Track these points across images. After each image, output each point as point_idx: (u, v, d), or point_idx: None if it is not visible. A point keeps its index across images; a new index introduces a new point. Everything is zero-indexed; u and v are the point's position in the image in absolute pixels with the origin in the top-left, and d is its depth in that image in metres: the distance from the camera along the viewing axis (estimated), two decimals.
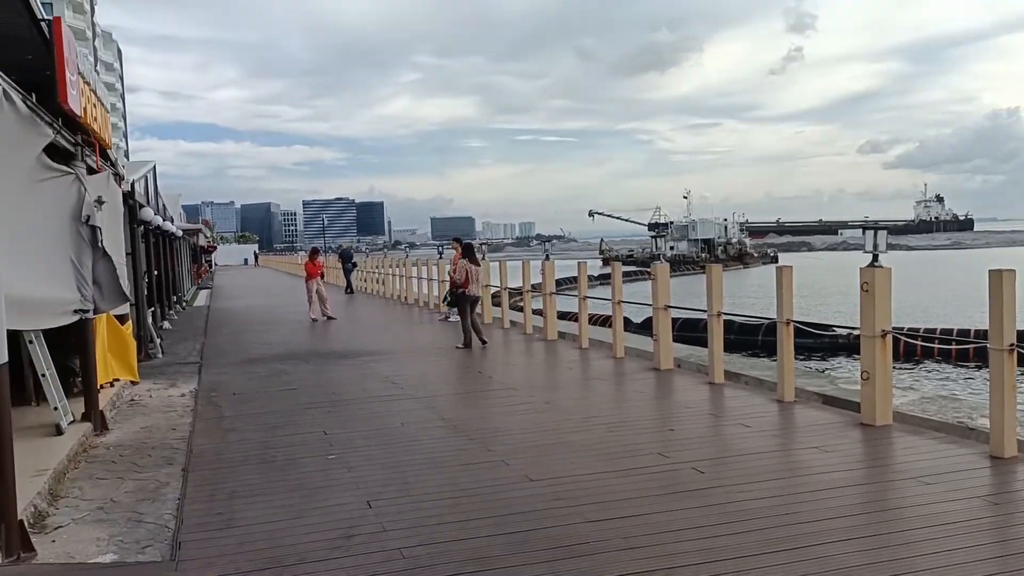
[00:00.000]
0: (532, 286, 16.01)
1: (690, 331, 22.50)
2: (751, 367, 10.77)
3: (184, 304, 26.87)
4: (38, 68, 7.21)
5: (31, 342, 7.62)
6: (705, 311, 9.83)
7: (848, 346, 27.42)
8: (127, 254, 13.72)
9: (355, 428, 7.94)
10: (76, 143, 7.81)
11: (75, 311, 7.93)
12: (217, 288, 43.21)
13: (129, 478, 6.49)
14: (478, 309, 14.76)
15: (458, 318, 18.23)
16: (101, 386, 10.06)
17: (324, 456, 6.85)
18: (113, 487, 6.25)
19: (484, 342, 13.77)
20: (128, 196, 13.35)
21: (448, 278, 15.16)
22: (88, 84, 7.90)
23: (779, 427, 7.54)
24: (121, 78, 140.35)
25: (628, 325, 26.86)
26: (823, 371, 19.13)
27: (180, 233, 26.02)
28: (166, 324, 19.75)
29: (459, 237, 20.16)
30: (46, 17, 6.70)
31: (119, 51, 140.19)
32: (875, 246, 7.40)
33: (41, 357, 7.70)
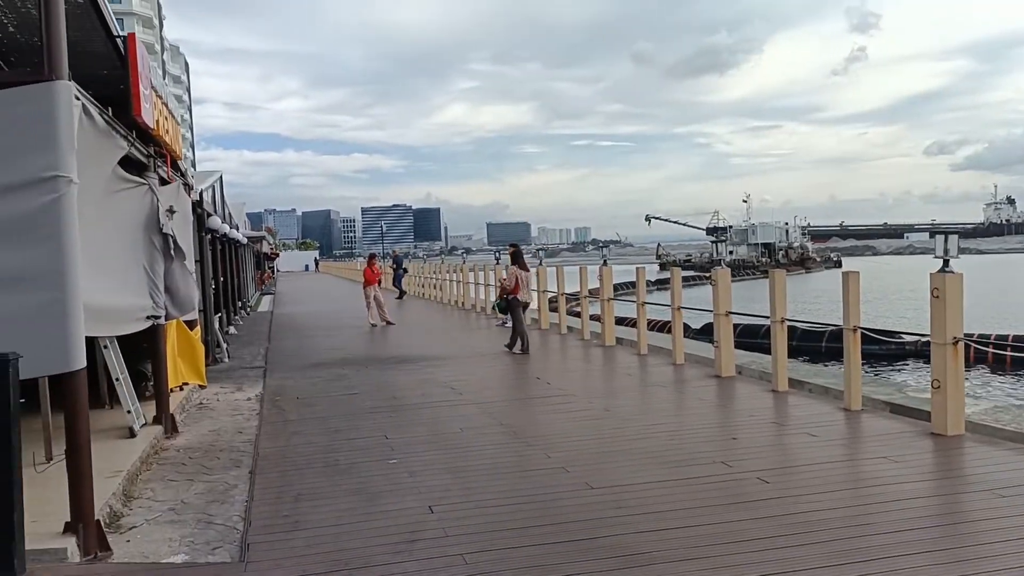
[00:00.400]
0: (589, 291, 15.96)
1: (750, 337, 22.16)
2: (815, 374, 10.56)
3: (249, 310, 27.49)
4: (113, 82, 7.46)
5: (106, 347, 7.88)
6: (768, 317, 9.68)
7: (916, 353, 26.72)
8: (196, 261, 14.13)
9: (415, 433, 8.02)
10: (149, 155, 8.07)
11: (148, 317, 8.19)
12: (280, 294, 44.11)
13: (199, 480, 6.67)
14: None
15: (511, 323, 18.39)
16: (171, 390, 10.37)
17: (386, 460, 6.93)
18: (184, 489, 6.42)
19: (527, 350, 13.76)
20: (196, 205, 13.72)
21: (499, 284, 15.26)
22: (160, 97, 8.16)
23: (846, 436, 7.38)
24: (188, 90, 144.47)
25: (687, 331, 26.70)
26: (897, 382, 18.69)
27: (245, 240, 26.63)
28: (232, 329, 20.23)
29: (516, 243, 20.20)
30: (121, 33, 6.94)
31: (186, 64, 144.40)
32: (946, 251, 7.19)
33: (115, 362, 7.96)
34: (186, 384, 11.06)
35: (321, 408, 9.67)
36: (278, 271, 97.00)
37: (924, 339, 8.98)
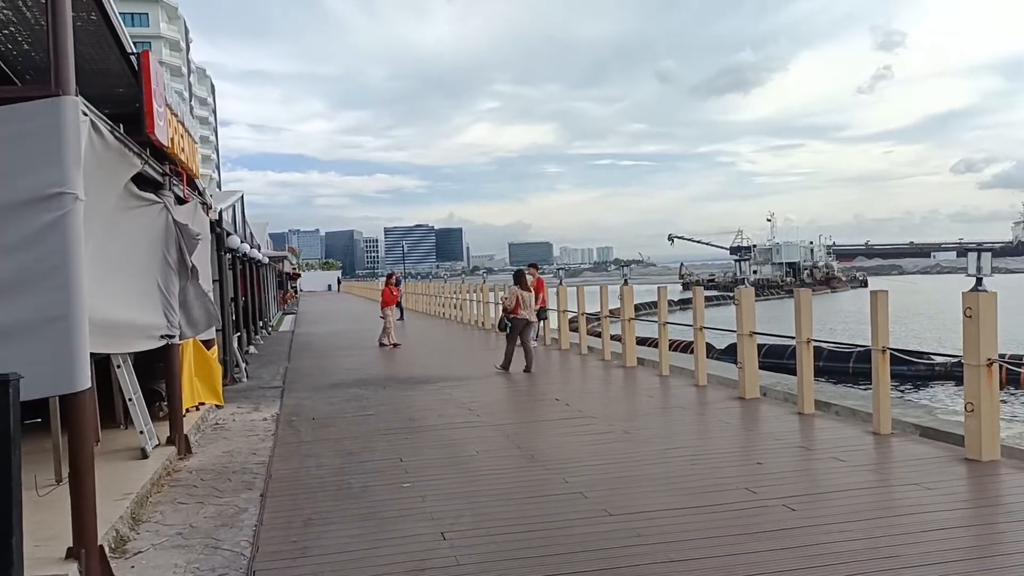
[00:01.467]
0: (610, 311, 15.76)
1: (776, 358, 21.80)
2: (842, 396, 10.28)
3: (270, 329, 27.52)
4: (129, 100, 7.45)
5: (119, 366, 7.81)
6: (793, 337, 9.43)
7: (944, 374, 26.21)
8: (214, 281, 14.11)
9: (430, 455, 7.85)
10: (164, 173, 8.03)
11: (161, 336, 8.12)
12: (301, 313, 44.21)
13: (209, 503, 6.53)
14: (532, 333, 14.97)
15: (534, 344, 18.19)
16: (187, 410, 10.29)
17: (399, 484, 6.76)
18: (193, 512, 6.29)
19: (529, 370, 13.85)
20: (215, 224, 13.73)
21: (501, 304, 15.51)
22: (175, 115, 8.13)
23: (876, 461, 7.11)
24: (214, 112, 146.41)
25: (710, 351, 26.32)
26: (926, 404, 18.27)
27: (266, 260, 26.70)
28: (252, 349, 20.22)
29: (535, 263, 20.05)
30: (135, 51, 6.91)
31: (212, 86, 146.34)
32: (978, 268, 6.98)
33: (128, 381, 7.88)
34: (203, 404, 10.98)
35: (336, 429, 9.53)
36: (301, 291, 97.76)
37: (955, 360, 8.78)
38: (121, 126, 5.95)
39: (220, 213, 13.83)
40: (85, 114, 4.93)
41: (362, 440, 8.77)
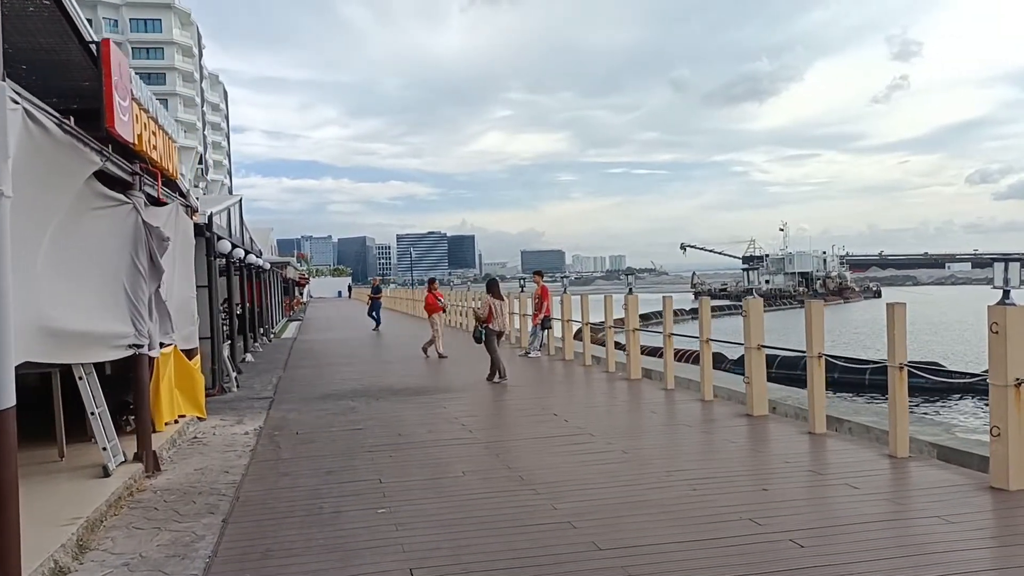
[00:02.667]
0: (615, 321, 15.21)
1: (790, 369, 21.16)
2: (856, 412, 9.69)
3: (271, 336, 27.08)
4: (95, 94, 6.98)
5: (81, 378, 7.32)
6: (804, 352, 8.86)
7: (963, 387, 25.47)
8: (202, 286, 13.65)
9: (413, 476, 7.33)
10: (133, 172, 7.56)
11: (129, 346, 7.64)
12: (307, 320, 43.84)
13: (167, 528, 6.03)
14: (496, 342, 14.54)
15: (537, 353, 17.69)
16: (166, 423, 9.82)
17: (374, 509, 6.25)
18: (147, 539, 5.79)
19: (503, 378, 13.77)
20: (204, 228, 13.28)
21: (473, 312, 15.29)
22: (145, 111, 7.66)
23: (893, 489, 6.54)
24: (227, 118, 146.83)
25: (722, 361, 25.71)
26: (944, 422, 17.63)
27: (267, 266, 26.28)
28: (249, 357, 19.77)
29: (540, 271, 19.54)
30: (94, 39, 6.45)
31: (225, 92, 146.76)
32: (1006, 280, 6.38)
33: (91, 394, 7.40)
34: (183, 416, 10.52)
35: (319, 445, 9.03)
36: (311, 297, 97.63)
37: (978, 377, 8.18)
38: (72, 118, 5.47)
39: (210, 217, 13.37)
40: (16, 102, 4.46)
41: (344, 458, 8.25)
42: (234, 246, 17.10)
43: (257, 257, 23.12)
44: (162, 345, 9.65)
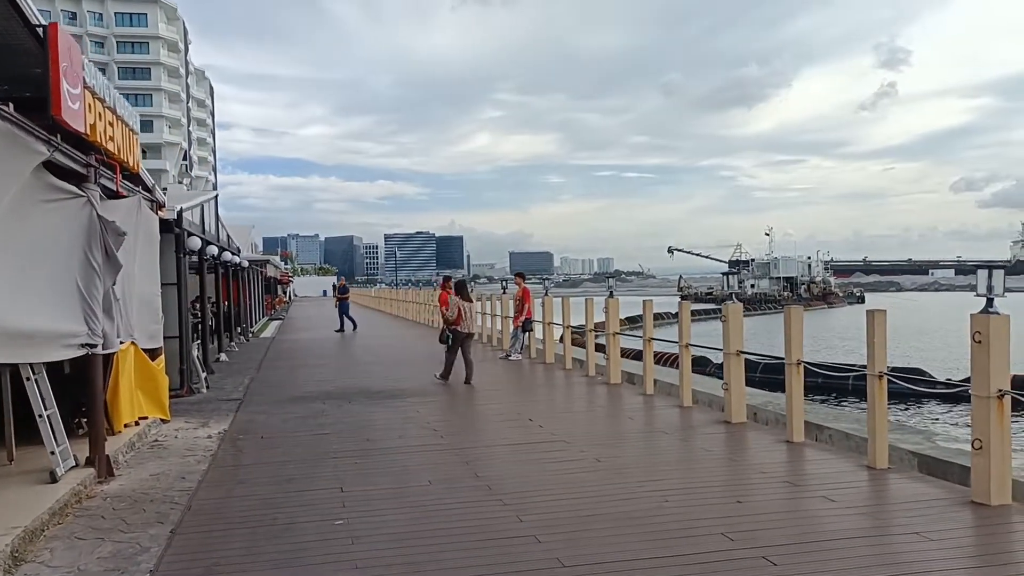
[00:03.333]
0: (596, 325, 14.98)
1: (778, 374, 20.91)
2: (835, 418, 9.50)
3: (249, 336, 26.69)
4: (47, 82, 6.65)
5: (29, 379, 7.00)
6: (783, 358, 8.63)
7: (943, 395, 25.41)
8: (169, 284, 13.31)
9: (377, 484, 7.04)
10: (88, 164, 7.25)
11: (82, 345, 7.33)
12: (289, 319, 43.45)
13: (110, 539, 5.73)
14: (470, 345, 14.49)
15: (518, 356, 17.44)
16: (126, 425, 9.50)
17: (331, 521, 5.96)
18: (88, 550, 5.48)
19: (470, 381, 13.68)
20: (173, 224, 12.95)
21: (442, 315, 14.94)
22: (100, 100, 7.34)
23: (871, 503, 6.31)
24: (212, 114, 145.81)
25: (706, 365, 25.51)
26: (924, 430, 17.49)
27: (246, 264, 25.90)
28: (223, 356, 19.42)
29: (522, 272, 19.31)
30: (41, 22, 6.14)
31: (211, 88, 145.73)
32: (989, 287, 6.17)
33: (40, 396, 7.07)
34: (145, 418, 10.20)
35: (283, 450, 8.74)
36: (295, 296, 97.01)
37: (959, 387, 8.02)
38: (12, 106, 5.15)
39: (180, 212, 13.03)
40: None
41: (307, 464, 7.96)
42: (207, 243, 16.77)
43: (234, 255, 22.76)
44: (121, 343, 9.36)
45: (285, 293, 71.58)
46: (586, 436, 9.08)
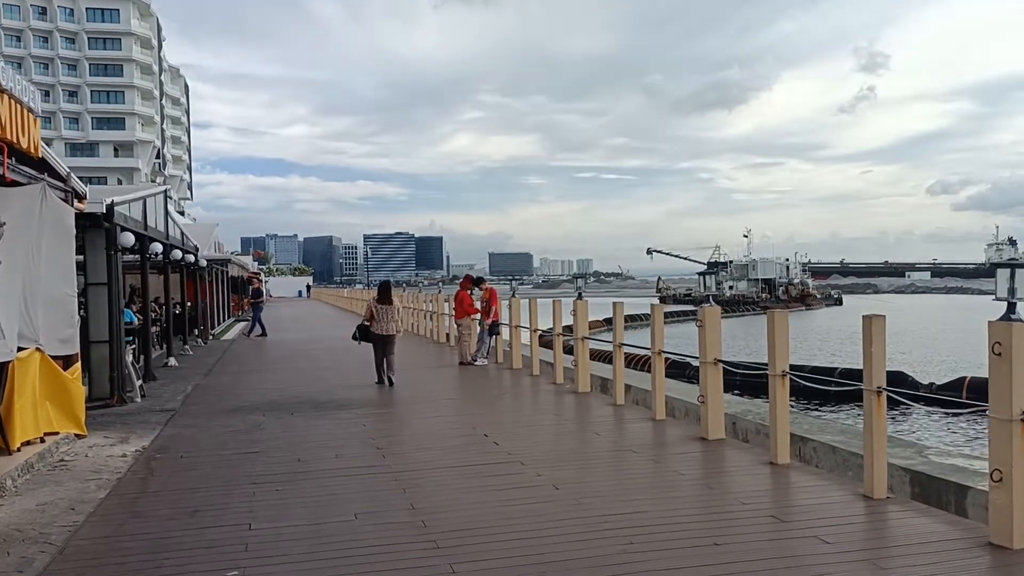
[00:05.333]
0: (565, 328, 13.98)
1: (761, 376, 20.04)
2: (821, 429, 8.58)
3: (207, 338, 25.47)
4: None
5: None
6: (767, 368, 7.68)
7: (933, 399, 24.68)
8: (100, 284, 12.21)
9: (292, 519, 6.00)
10: None
11: None
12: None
13: None
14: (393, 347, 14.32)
15: (484, 361, 16.48)
16: (27, 442, 8.41)
17: (223, 572, 4.91)
18: None
19: (391, 383, 13.73)
20: (103, 218, 11.82)
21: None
22: None
23: (872, 546, 5.35)
24: (188, 112, 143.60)
25: (686, 368, 24.61)
26: (916, 442, 16.69)
27: (204, 263, 24.70)
28: (172, 361, 18.25)
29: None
30: None
31: (186, 86, 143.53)
32: (1011, 291, 5.25)
33: None
34: (55, 433, 9.09)
35: (199, 473, 7.68)
36: (270, 297, 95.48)
37: (976, 406, 7.20)
38: None
39: (111, 206, 11.90)
40: None
41: (220, 491, 6.91)
42: (151, 239, 15.62)
43: (189, 253, 21.58)
44: (20, 349, 8.28)
45: (259, 294, 70.00)
46: (545, 456, 8.07)
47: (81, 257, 11.58)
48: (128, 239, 12.42)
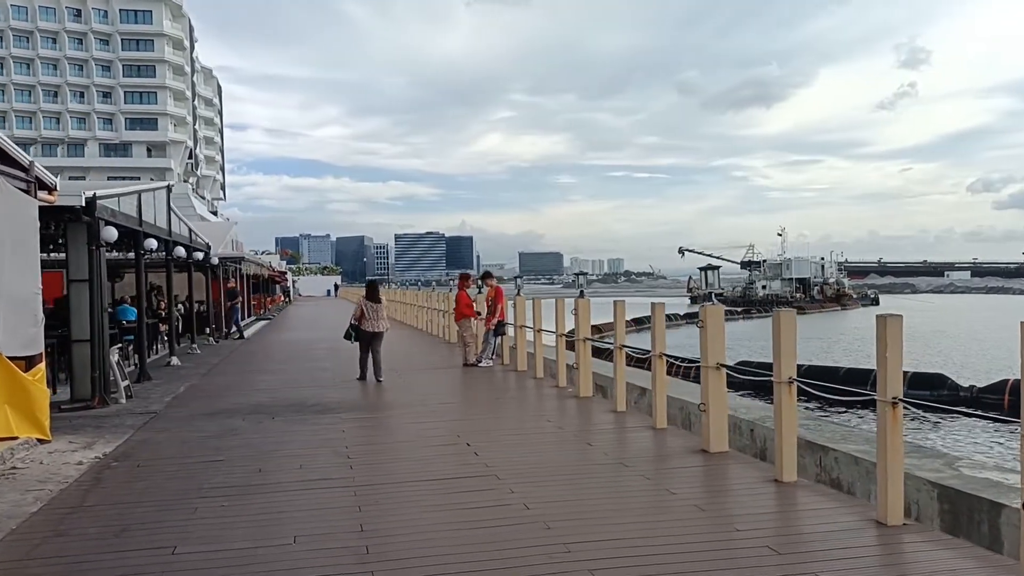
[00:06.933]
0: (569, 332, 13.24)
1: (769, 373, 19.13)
2: (844, 437, 7.71)
3: (218, 337, 25.06)
4: None
5: None
6: (770, 373, 6.89)
7: (971, 400, 23.61)
8: (82, 281, 11.72)
9: (226, 542, 5.35)
10: None
11: None
12: (279, 319, 41.90)
13: None
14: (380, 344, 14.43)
15: (489, 363, 15.83)
16: None
17: None
18: None
19: (378, 379, 13.86)
20: (82, 212, 11.31)
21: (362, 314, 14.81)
22: None
23: None
24: (220, 113, 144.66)
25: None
26: (945, 453, 15.72)
27: (215, 261, 24.30)
28: (175, 360, 17.80)
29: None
30: None
31: (219, 87, 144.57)
32: None
33: None
34: (13, 438, 8.56)
35: (149, 483, 7.09)
36: (299, 295, 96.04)
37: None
38: None
39: (92, 200, 11.37)
40: None
41: (160, 505, 6.29)
42: (146, 235, 15.14)
43: (198, 251, 21.16)
44: None
45: (283, 293, 70.22)
46: (525, 469, 7.33)
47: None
48: (111, 234, 11.90)
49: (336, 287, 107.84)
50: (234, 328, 26.93)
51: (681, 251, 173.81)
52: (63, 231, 11.82)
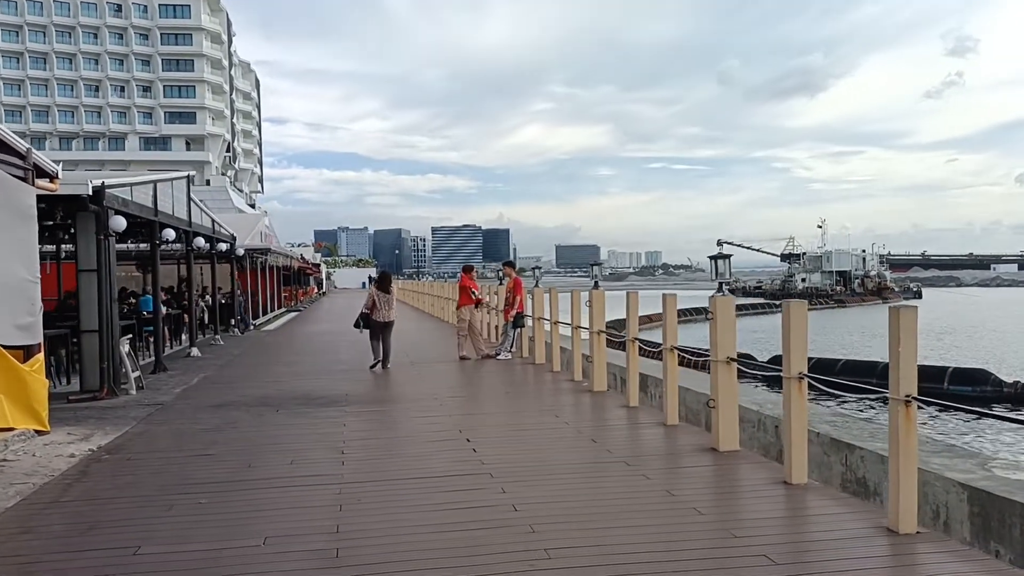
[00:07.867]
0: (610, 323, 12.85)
1: (825, 372, 18.54)
2: (872, 435, 7.21)
3: (243, 328, 25.06)
4: None
5: None
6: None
7: (1013, 397, 22.81)
8: (90, 270, 11.63)
9: (193, 542, 5.10)
10: None
11: None
12: (309, 311, 42.09)
13: None
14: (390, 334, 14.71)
15: (508, 355, 15.55)
16: None
17: None
18: None
19: (384, 366, 14.15)
20: (89, 201, 11.21)
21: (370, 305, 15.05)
22: None
23: None
24: (258, 107, 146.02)
25: (753, 366, 23.14)
26: (978, 451, 15.17)
27: (241, 252, 24.30)
28: (194, 351, 17.76)
29: (511, 261, 17.54)
30: None
31: (257, 81, 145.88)
32: None
33: None
34: (10, 429, 8.47)
35: (133, 478, 6.91)
36: (335, 288, 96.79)
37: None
38: None
39: (100, 188, 11.26)
40: None
41: (137, 502, 6.09)
42: (163, 225, 15.07)
43: (222, 242, 21.15)
44: None
45: (316, 284, 70.67)
46: (522, 467, 7.00)
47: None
48: (119, 223, 11.79)
49: (370, 279, 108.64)
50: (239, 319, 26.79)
51: (720, 244, 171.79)
52: (71, 220, 11.74)
